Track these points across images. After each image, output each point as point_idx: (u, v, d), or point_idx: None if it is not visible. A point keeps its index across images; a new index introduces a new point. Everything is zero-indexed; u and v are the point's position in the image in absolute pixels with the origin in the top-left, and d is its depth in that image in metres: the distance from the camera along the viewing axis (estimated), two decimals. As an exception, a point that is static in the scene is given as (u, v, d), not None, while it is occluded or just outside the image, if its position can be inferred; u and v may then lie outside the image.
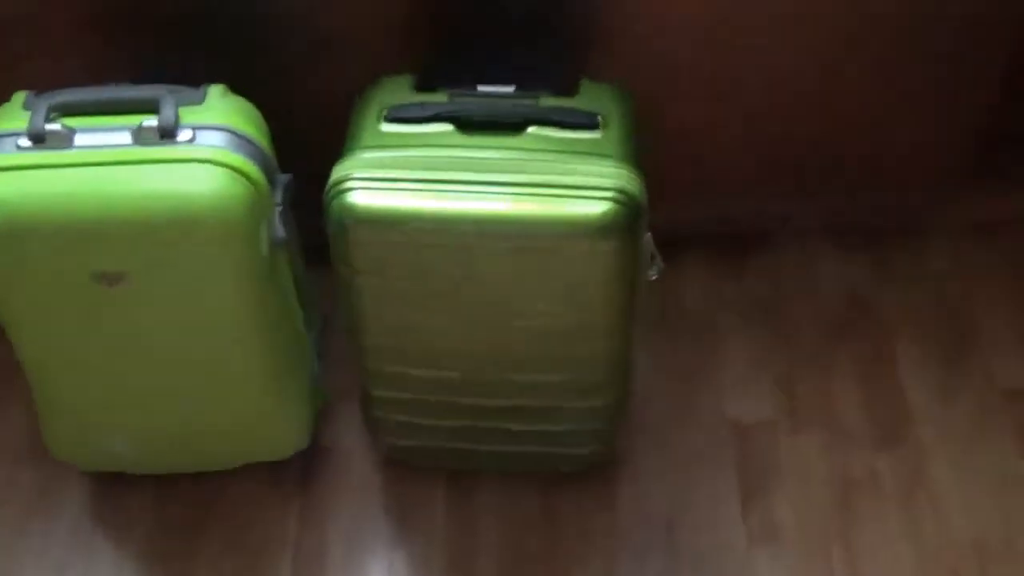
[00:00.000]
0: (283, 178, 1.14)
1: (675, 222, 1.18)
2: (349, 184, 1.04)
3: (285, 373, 1.21)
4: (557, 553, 1.28)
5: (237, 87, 1.13)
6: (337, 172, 1.05)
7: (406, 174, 1.04)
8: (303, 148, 1.17)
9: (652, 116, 1.14)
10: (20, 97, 1.09)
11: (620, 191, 1.03)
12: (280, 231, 1.11)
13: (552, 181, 1.03)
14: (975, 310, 1.48)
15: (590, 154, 1.05)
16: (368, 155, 1.06)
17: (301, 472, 1.33)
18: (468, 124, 1.07)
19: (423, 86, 1.13)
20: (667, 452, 1.36)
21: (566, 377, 1.16)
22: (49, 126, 1.04)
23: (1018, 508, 1.31)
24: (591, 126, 1.08)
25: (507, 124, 1.07)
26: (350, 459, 1.36)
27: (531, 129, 1.07)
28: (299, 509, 1.31)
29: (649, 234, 1.09)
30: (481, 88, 1.12)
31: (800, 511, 1.31)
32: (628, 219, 1.03)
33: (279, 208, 1.12)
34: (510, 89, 1.12)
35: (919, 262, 1.53)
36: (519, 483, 1.33)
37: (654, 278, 1.13)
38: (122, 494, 1.31)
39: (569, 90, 1.12)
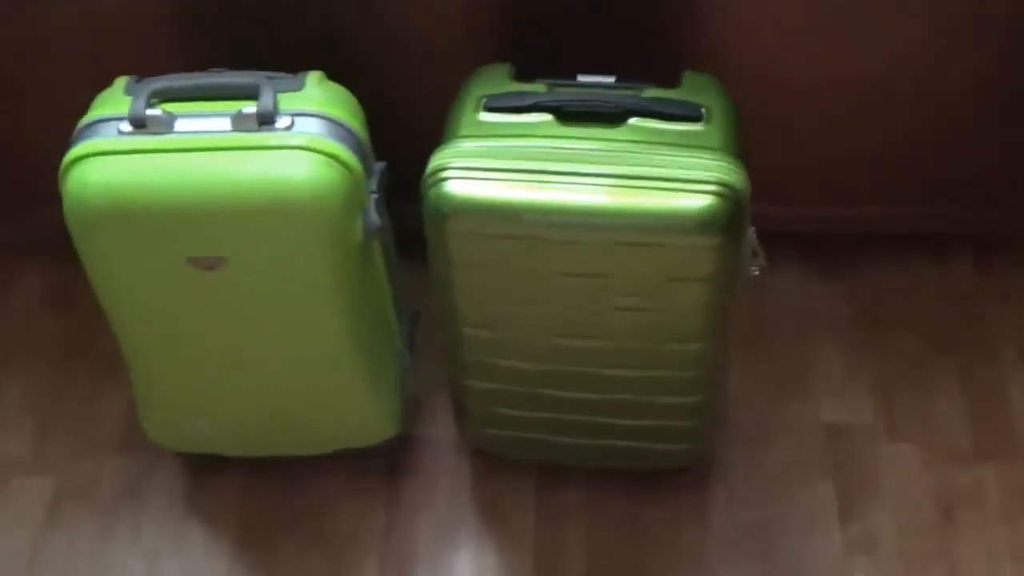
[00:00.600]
0: (379, 166, 1.13)
1: (768, 220, 1.15)
2: (447, 173, 1.03)
3: (376, 360, 1.20)
4: (647, 557, 1.26)
5: (334, 75, 1.12)
6: (435, 161, 1.04)
7: (505, 164, 1.02)
8: (399, 137, 1.17)
9: (750, 110, 1.11)
10: (121, 83, 1.10)
11: (723, 184, 1.00)
12: (375, 219, 1.10)
13: (653, 174, 1.00)
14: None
15: (693, 147, 1.03)
16: (466, 144, 1.04)
17: (390, 461, 1.32)
18: (568, 114, 1.05)
19: (522, 75, 1.11)
20: (762, 458, 1.33)
21: (661, 373, 1.13)
22: (150, 111, 1.05)
23: None
24: (694, 118, 1.05)
25: (607, 115, 1.05)
26: (439, 450, 1.35)
27: (632, 120, 1.04)
28: (387, 498, 1.31)
29: (752, 229, 1.06)
30: (581, 78, 1.10)
31: (900, 523, 1.27)
32: (731, 213, 1.00)
33: (375, 196, 1.11)
34: (611, 79, 1.09)
35: (1011, 266, 1.47)
36: (609, 483, 1.30)
37: (756, 274, 1.10)
38: (215, 481, 1.32)
39: (671, 81, 1.09)
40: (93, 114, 1.07)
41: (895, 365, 1.39)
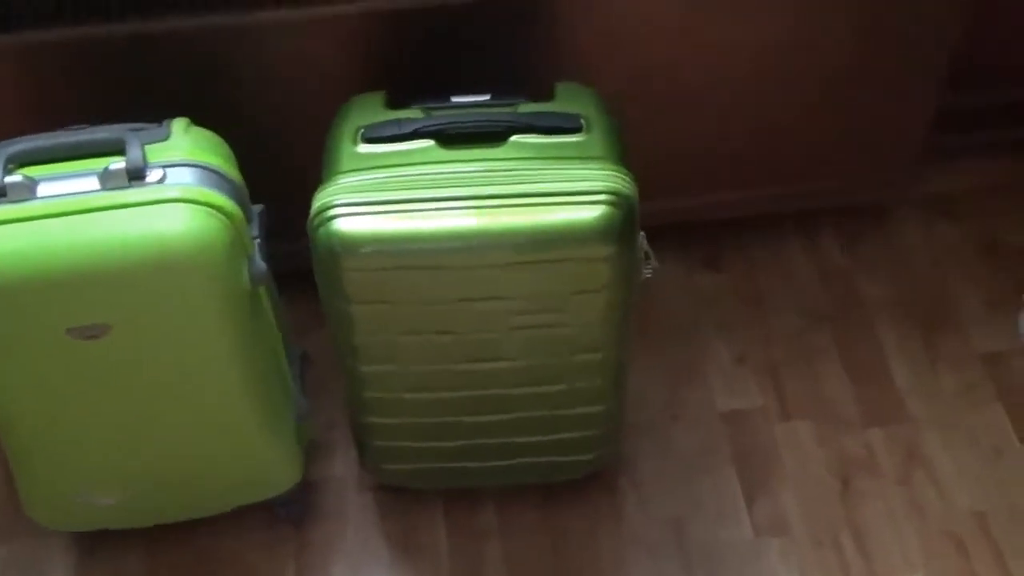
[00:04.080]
0: (257, 209, 1.09)
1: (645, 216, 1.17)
2: (335, 211, 1.00)
3: (273, 410, 1.16)
4: (567, 567, 1.26)
5: (199, 120, 1.08)
6: (320, 199, 1.01)
7: (392, 195, 1.00)
8: (274, 175, 1.13)
9: (622, 114, 1.12)
10: (-29, 150, 1.03)
11: (614, 193, 1.00)
12: (261, 266, 1.06)
13: (543, 190, 1.00)
14: (946, 282, 1.49)
15: (578, 158, 1.03)
16: (350, 179, 1.02)
17: (296, 508, 1.28)
18: (449, 138, 1.04)
19: (395, 102, 1.09)
20: (666, 452, 1.34)
21: (567, 386, 1.13)
22: (9, 179, 0.98)
23: (1012, 471, 1.32)
24: (574, 129, 1.05)
25: (489, 135, 1.04)
26: (344, 488, 1.32)
27: (514, 138, 1.04)
28: (297, 545, 1.27)
29: (642, 233, 1.07)
30: (456, 99, 1.09)
31: (803, 499, 1.30)
32: (624, 221, 1.00)
33: (257, 241, 1.07)
34: (486, 97, 1.09)
35: (887, 243, 1.53)
36: (519, 497, 1.30)
37: (648, 276, 1.11)
38: (114, 556, 1.25)
39: (545, 94, 1.09)
40: (-56, 188, 1.00)
41: (779, 346, 1.43)
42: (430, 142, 1.04)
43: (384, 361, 1.09)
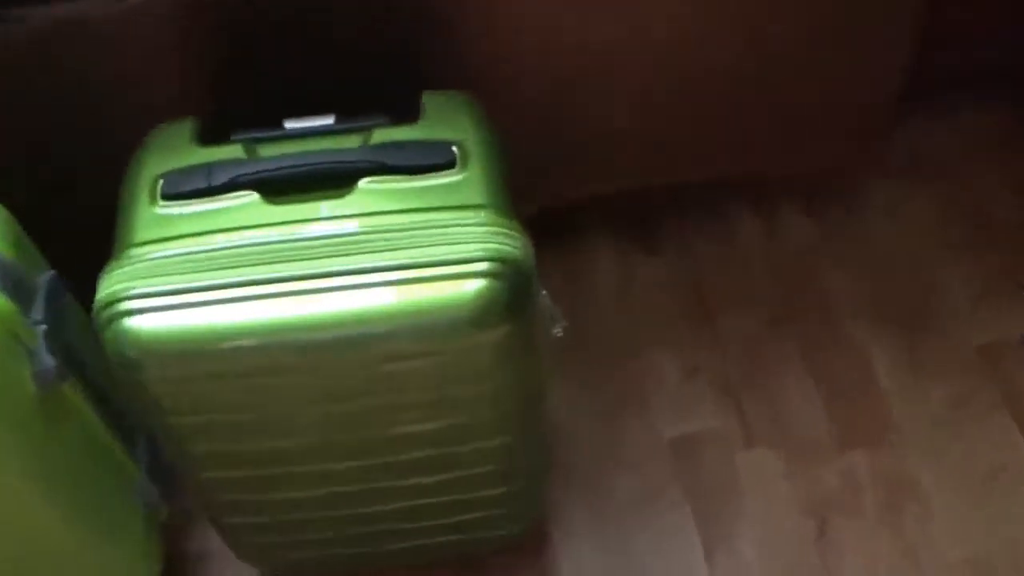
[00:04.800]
0: (44, 280, 0.84)
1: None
2: (127, 304, 0.74)
3: (103, 516, 0.93)
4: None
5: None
6: (108, 286, 0.76)
7: (202, 279, 0.75)
8: (77, 224, 0.88)
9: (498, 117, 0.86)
10: None
11: (497, 259, 0.75)
12: (47, 362, 0.81)
13: (402, 261, 0.75)
14: (927, 267, 1.24)
15: (448, 207, 0.77)
16: (146, 257, 0.76)
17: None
18: (277, 187, 0.78)
19: (210, 136, 0.83)
20: (605, 499, 1.12)
21: (465, 473, 0.90)
22: None
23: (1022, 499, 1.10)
24: (445, 165, 0.79)
25: (332, 179, 0.78)
26: (224, 564, 1.10)
27: (364, 183, 0.78)
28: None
29: (544, 292, 0.82)
30: (290, 124, 0.82)
31: (771, 548, 1.09)
32: (512, 293, 0.76)
33: (43, 329, 0.82)
34: (329, 120, 0.82)
35: (855, 224, 1.28)
36: (432, 572, 1.08)
37: (560, 335, 0.87)
38: None
39: (410, 110, 0.83)
40: None
41: (733, 355, 1.20)
42: (252, 195, 0.78)
43: (233, 468, 0.86)
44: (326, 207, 0.77)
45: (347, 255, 0.75)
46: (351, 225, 0.76)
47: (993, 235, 1.26)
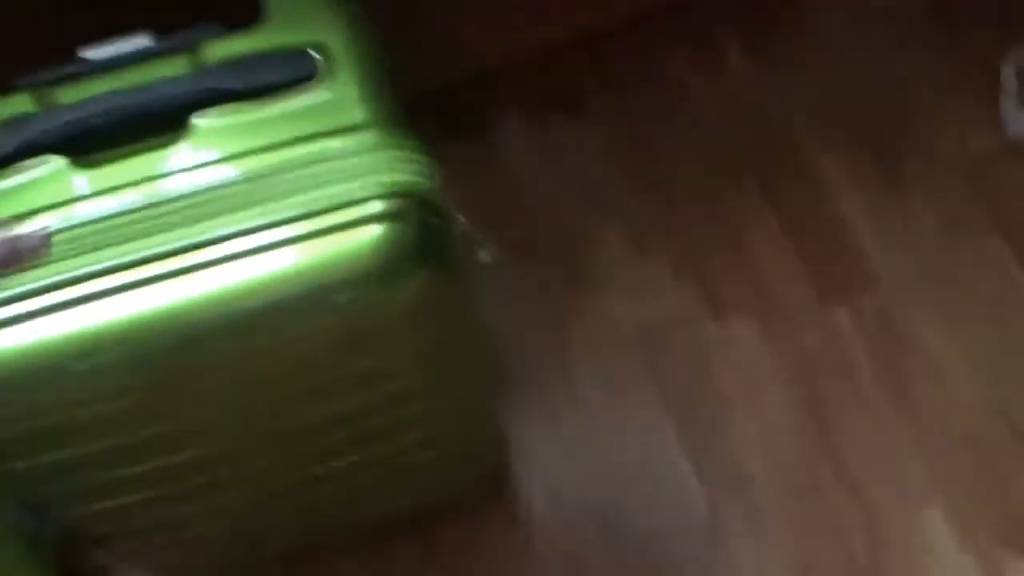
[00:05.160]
0: None
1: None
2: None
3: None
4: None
5: None
6: None
7: (10, 284, 0.56)
8: None
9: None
10: None
11: (395, 195, 0.57)
12: None
13: (270, 218, 0.56)
14: (892, 67, 1.08)
15: (320, 135, 0.58)
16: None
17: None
18: (86, 143, 0.59)
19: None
20: (568, 410, 0.97)
21: (411, 438, 0.74)
22: None
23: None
24: (304, 77, 0.60)
25: (157, 121, 0.59)
26: None
27: (198, 119, 0.59)
28: None
29: (461, 218, 0.65)
30: (90, 55, 0.62)
31: (760, 432, 0.95)
32: (421, 234, 0.58)
33: None
34: (144, 42, 0.62)
35: (802, 32, 1.09)
36: (385, 536, 0.93)
37: (489, 261, 0.70)
38: None
39: (247, 12, 0.63)
40: None
41: (686, 214, 1.03)
42: (57, 160, 0.59)
43: (128, 493, 0.68)
44: (152, 161, 0.58)
45: (195, 223, 0.56)
46: (194, 180, 0.57)
47: (962, 20, 1.09)
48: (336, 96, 0.59)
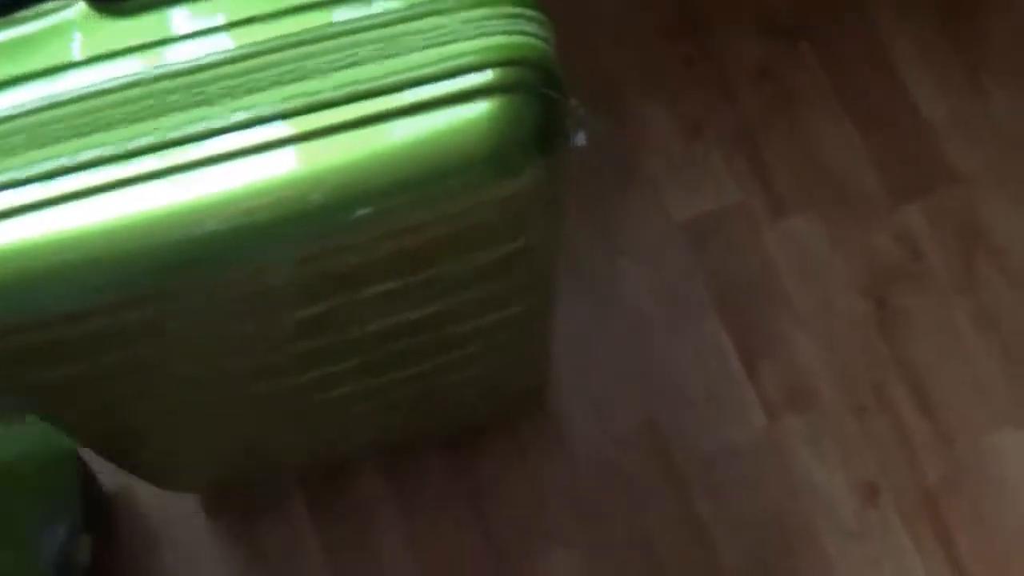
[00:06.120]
0: None
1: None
2: None
3: None
4: (494, 528, 0.83)
5: None
6: None
7: (29, 162, 0.44)
8: None
9: None
10: None
11: (513, 62, 0.45)
12: None
13: (352, 89, 0.45)
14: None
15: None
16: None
17: None
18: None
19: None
20: (613, 317, 0.88)
21: (491, 343, 0.63)
22: None
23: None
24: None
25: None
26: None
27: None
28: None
29: (572, 101, 0.53)
30: None
31: (825, 341, 0.87)
32: (543, 113, 0.47)
33: None
34: None
35: None
36: (412, 461, 0.83)
37: (583, 144, 0.59)
38: None
39: None
40: None
41: (744, 97, 0.93)
42: (75, 5, 0.46)
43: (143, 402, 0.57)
44: (197, 13, 0.45)
45: (278, 83, 0.44)
46: (250, 33, 0.45)
47: None
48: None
